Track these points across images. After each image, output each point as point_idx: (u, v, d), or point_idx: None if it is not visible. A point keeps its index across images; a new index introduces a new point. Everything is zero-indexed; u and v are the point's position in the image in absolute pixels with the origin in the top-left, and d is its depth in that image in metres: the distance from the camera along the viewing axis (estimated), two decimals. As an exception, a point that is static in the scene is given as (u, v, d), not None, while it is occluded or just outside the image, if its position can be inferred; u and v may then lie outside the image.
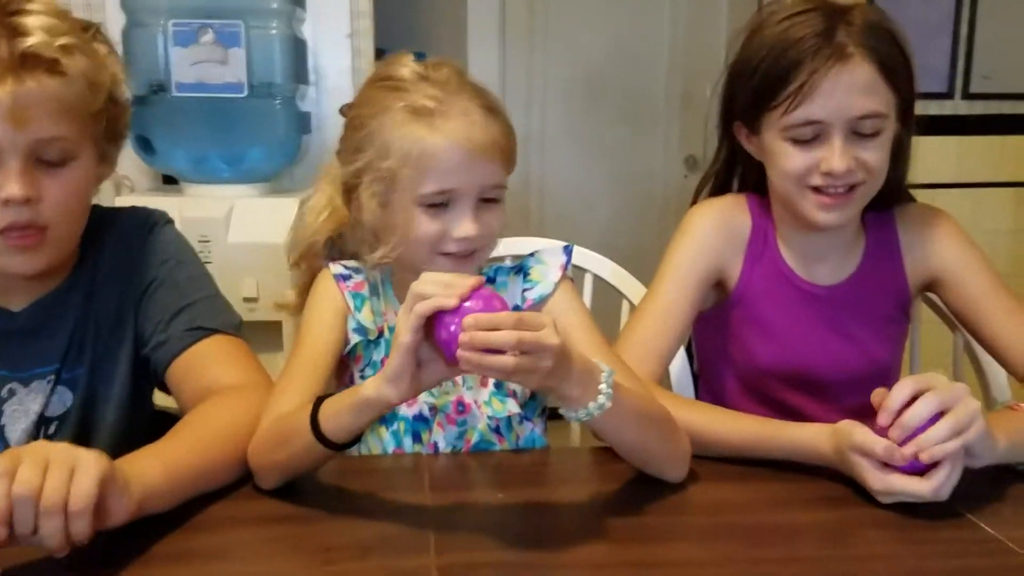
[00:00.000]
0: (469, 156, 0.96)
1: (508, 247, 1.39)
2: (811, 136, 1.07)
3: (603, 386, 0.83)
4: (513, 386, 1.09)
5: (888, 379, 1.26)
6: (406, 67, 1.02)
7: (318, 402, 0.86)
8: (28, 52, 0.87)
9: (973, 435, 0.87)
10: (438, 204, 0.98)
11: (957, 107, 2.68)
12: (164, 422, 1.19)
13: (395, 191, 0.99)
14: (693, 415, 1.03)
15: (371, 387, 0.80)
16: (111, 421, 1.05)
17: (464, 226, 0.98)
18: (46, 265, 0.96)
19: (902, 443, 0.87)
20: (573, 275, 1.15)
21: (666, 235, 1.24)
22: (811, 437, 0.97)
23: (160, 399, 1.12)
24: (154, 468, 0.82)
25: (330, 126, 2.09)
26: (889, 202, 1.19)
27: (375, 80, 1.05)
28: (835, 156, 1.06)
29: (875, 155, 1.08)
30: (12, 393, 0.99)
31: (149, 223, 1.09)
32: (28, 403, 1.00)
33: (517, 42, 3.26)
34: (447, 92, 0.98)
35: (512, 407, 1.08)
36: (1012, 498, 0.93)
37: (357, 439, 0.86)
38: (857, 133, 1.07)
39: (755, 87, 1.10)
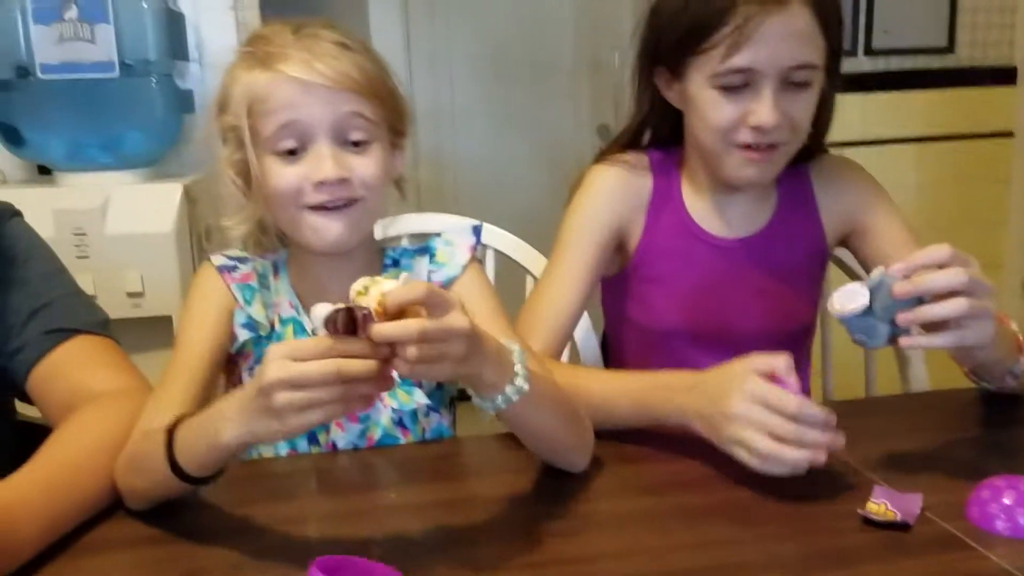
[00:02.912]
0: (308, 88, 0.87)
1: (414, 224, 1.32)
2: (740, 84, 1.01)
3: (518, 367, 0.76)
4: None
5: (806, 339, 1.23)
6: (271, 27, 0.93)
7: (175, 424, 0.76)
8: None
9: (980, 327, 0.81)
10: (290, 151, 0.89)
11: (861, 64, 2.68)
12: (30, 434, 1.10)
13: (246, 147, 0.91)
14: (585, 381, 0.98)
15: (228, 432, 0.70)
16: None
17: (323, 168, 0.88)
18: None
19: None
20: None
21: None
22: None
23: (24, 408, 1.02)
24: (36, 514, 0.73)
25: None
26: (805, 157, 1.14)
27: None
28: (765, 108, 1.00)
29: (803, 110, 1.03)
30: None
31: None
32: None
33: (419, 13, 3.15)
34: (299, 38, 0.90)
35: (419, 398, 1.01)
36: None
37: (219, 473, 0.78)
38: (789, 83, 1.01)
39: (683, 28, 1.03)
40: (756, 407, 0.81)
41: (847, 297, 0.83)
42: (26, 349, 0.94)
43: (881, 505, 0.77)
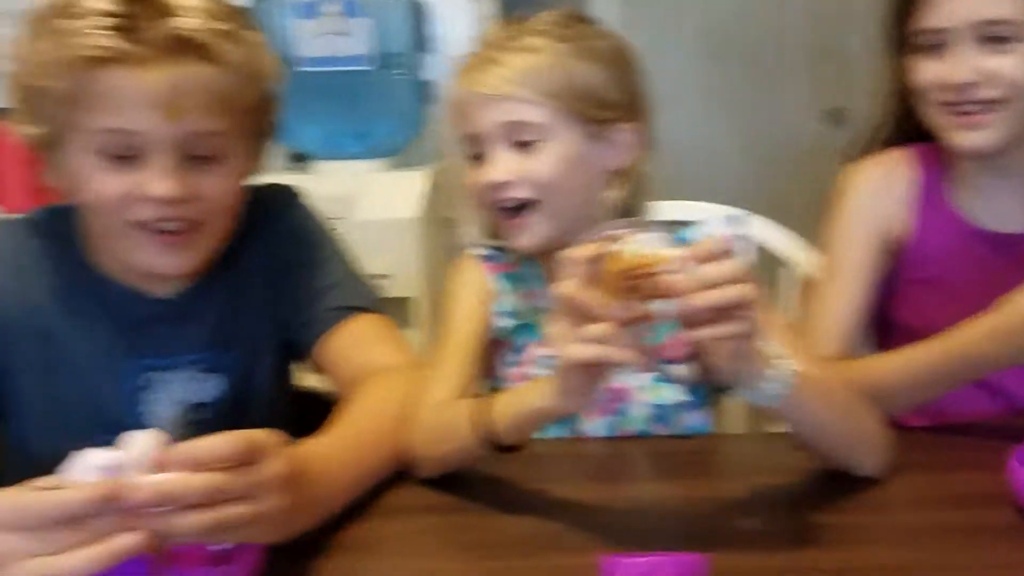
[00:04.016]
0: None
1: (660, 212, 1.29)
2: (935, 44, 0.99)
3: (784, 356, 0.73)
4: (679, 371, 1.00)
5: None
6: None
7: (482, 400, 0.80)
8: (182, 35, 0.81)
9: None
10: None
11: None
12: (305, 402, 1.18)
13: None
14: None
15: (543, 398, 0.74)
16: (260, 405, 1.03)
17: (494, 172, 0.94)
18: (194, 266, 0.93)
19: None
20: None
21: (803, 196, 1.13)
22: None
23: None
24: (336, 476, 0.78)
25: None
26: None
27: None
28: (953, 66, 0.97)
29: (1010, 63, 0.97)
30: (158, 381, 0.97)
31: (284, 200, 1.06)
32: (174, 391, 0.98)
33: (639, -5, 3.12)
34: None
35: (678, 394, 1.00)
36: None
37: (525, 444, 0.81)
38: (987, 39, 0.96)
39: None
40: None
41: None
42: (314, 324, 1.00)
43: None
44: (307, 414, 0.96)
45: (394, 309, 1.64)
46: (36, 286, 0.92)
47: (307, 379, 1.12)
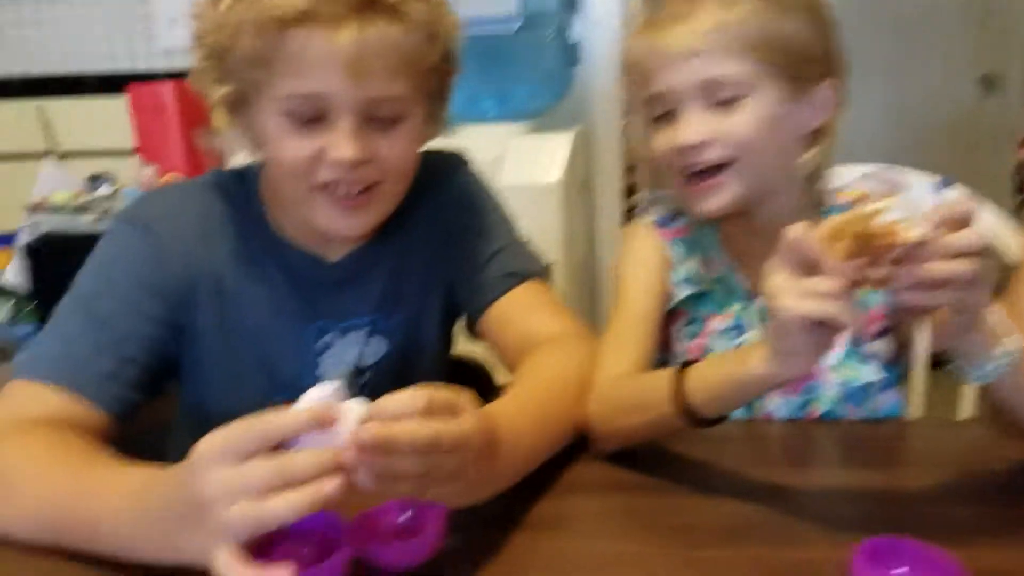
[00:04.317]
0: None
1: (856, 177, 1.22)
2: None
3: (1011, 332, 0.67)
4: (875, 347, 0.93)
5: None
6: None
7: (681, 369, 0.75)
8: None
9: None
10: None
11: None
12: (459, 369, 1.17)
13: None
14: None
15: (758, 363, 0.67)
16: (424, 370, 1.03)
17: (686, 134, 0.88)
18: (370, 228, 0.92)
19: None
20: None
21: (957, 165, 1.02)
22: None
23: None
24: (520, 442, 0.75)
25: (600, 57, 1.98)
26: None
27: None
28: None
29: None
30: (330, 344, 0.97)
31: (452, 166, 1.05)
32: (344, 354, 0.98)
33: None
34: None
35: (872, 373, 0.93)
36: None
37: (724, 417, 0.76)
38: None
39: None
40: None
41: None
42: (483, 291, 0.99)
43: None
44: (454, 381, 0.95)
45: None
46: (220, 249, 0.92)
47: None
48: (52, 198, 1.91)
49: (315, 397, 0.60)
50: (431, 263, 1.01)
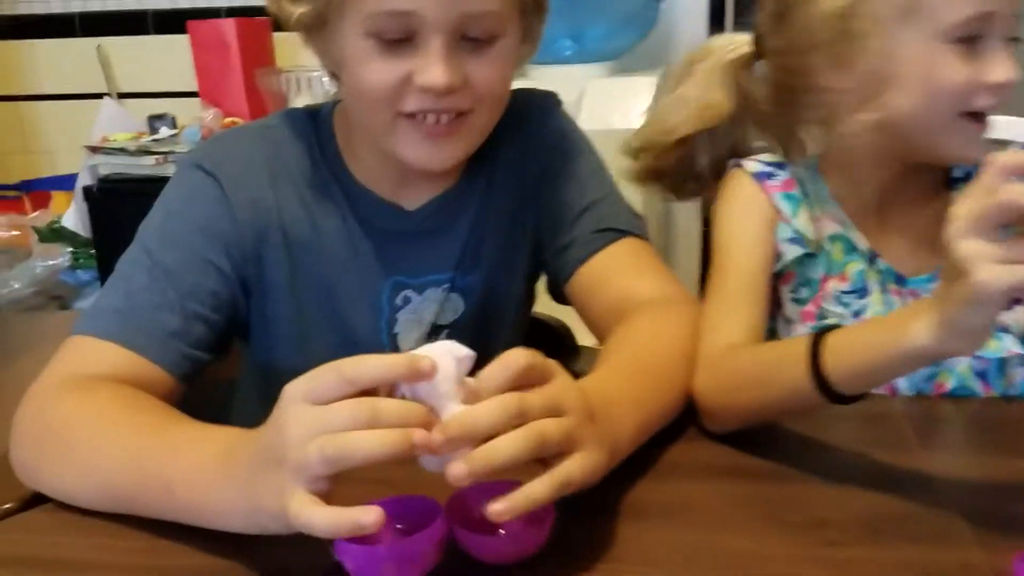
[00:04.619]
0: None
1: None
2: None
3: None
4: (1011, 317, 0.83)
5: None
6: None
7: (816, 339, 0.66)
8: None
9: None
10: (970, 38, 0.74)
11: None
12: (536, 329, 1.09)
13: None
14: None
15: (925, 334, 0.58)
16: (504, 331, 0.95)
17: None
18: (459, 159, 0.83)
19: None
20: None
21: None
22: None
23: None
24: (623, 416, 0.66)
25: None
26: None
27: None
28: None
29: None
30: (407, 300, 0.90)
31: (543, 106, 0.95)
32: (422, 312, 0.91)
33: None
34: None
35: (1011, 345, 0.83)
36: None
37: (865, 394, 0.66)
38: None
39: None
40: None
41: None
42: (575, 247, 0.90)
43: None
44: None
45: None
46: (290, 196, 0.85)
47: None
48: (112, 138, 1.86)
49: (427, 351, 0.54)
50: (517, 215, 0.92)
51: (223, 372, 0.94)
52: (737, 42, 0.91)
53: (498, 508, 0.52)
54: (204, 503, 0.59)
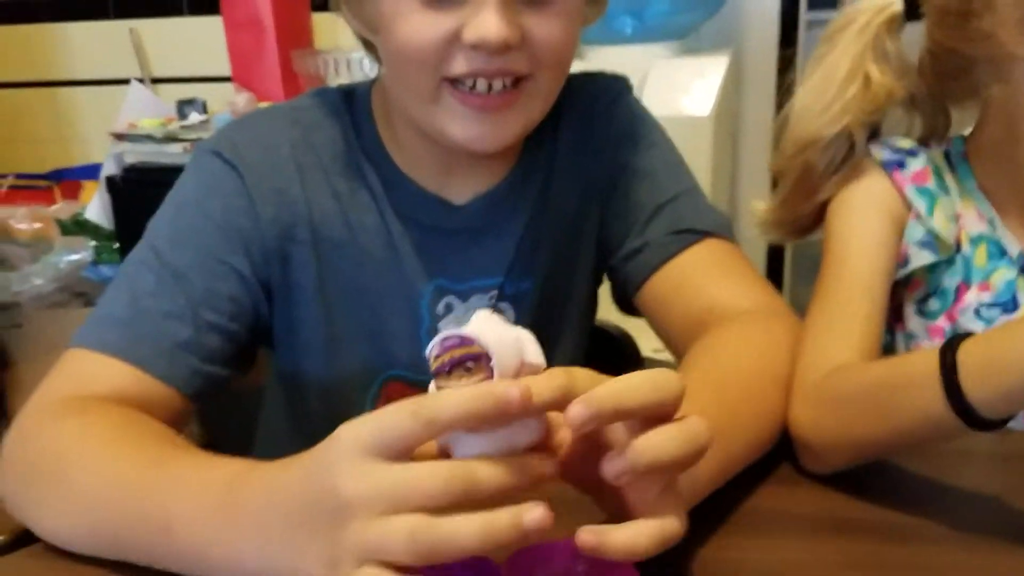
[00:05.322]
0: None
1: None
2: None
3: None
4: None
5: None
6: None
7: (948, 350, 0.53)
8: None
9: None
10: None
11: None
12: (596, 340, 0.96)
13: None
14: None
15: None
16: (562, 347, 0.85)
17: None
18: (514, 138, 0.73)
19: None
20: None
21: None
22: None
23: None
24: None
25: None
26: None
27: None
28: None
29: None
30: (449, 308, 0.80)
31: (612, 92, 0.85)
32: (465, 322, 0.79)
33: None
34: None
35: None
36: None
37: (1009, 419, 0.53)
38: None
39: None
40: None
41: None
42: (648, 250, 0.79)
43: None
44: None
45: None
46: (319, 187, 0.76)
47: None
48: (140, 124, 1.78)
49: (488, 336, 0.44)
50: (580, 214, 0.83)
51: (250, 380, 0.84)
52: (883, 2, 0.75)
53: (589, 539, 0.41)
54: (204, 551, 0.49)
